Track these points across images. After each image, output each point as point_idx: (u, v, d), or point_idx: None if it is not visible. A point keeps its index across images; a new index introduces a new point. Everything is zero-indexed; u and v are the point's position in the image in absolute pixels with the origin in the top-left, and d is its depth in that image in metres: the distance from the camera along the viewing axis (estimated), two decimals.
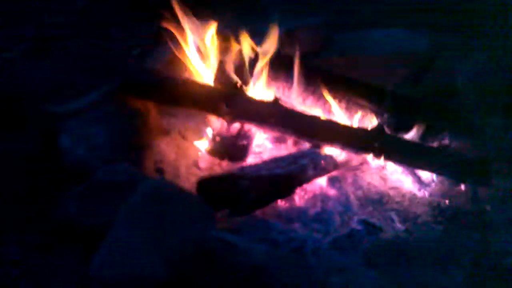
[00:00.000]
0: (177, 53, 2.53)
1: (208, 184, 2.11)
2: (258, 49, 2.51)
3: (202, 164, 2.47)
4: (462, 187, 2.35)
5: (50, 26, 3.20)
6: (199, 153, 2.50)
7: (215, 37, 2.53)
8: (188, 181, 2.33)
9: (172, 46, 2.55)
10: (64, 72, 2.70)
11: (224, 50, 2.55)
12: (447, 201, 2.31)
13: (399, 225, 2.19)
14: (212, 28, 2.52)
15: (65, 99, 2.44)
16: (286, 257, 1.84)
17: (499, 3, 3.06)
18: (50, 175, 2.11)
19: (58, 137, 2.22)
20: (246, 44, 2.51)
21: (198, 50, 2.53)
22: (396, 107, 2.60)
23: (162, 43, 2.64)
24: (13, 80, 2.68)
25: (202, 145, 2.50)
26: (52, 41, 3.05)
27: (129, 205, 1.77)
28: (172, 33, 2.52)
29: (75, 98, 2.44)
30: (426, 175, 2.42)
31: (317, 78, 2.58)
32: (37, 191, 2.06)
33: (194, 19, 2.50)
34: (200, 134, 2.52)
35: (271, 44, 2.48)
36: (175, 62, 2.62)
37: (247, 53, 2.52)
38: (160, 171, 2.38)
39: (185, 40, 2.53)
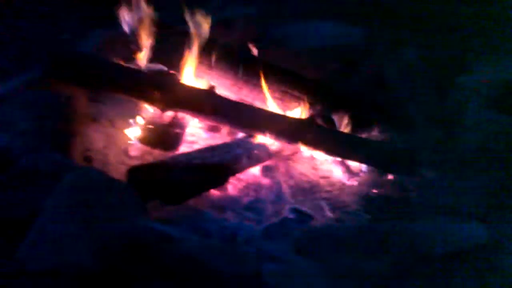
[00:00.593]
0: (109, 38, 2.44)
1: (139, 173, 2.06)
2: (192, 36, 2.46)
3: (133, 153, 2.41)
4: (390, 176, 2.43)
5: None
6: (130, 141, 2.43)
7: (150, 23, 2.46)
8: (118, 170, 2.26)
9: (105, 31, 2.46)
10: None
11: (158, 36, 2.49)
12: (375, 190, 2.39)
13: (329, 214, 2.24)
14: (147, 14, 2.45)
15: None
16: (218, 246, 1.83)
17: None
18: None
19: None
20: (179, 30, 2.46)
21: (132, 35, 2.45)
22: (328, 99, 2.65)
23: (95, 28, 2.55)
24: None
25: (133, 133, 2.43)
26: None
27: (56, 195, 1.69)
28: (106, 17, 2.43)
29: (1, 83, 2.31)
30: (355, 165, 2.49)
31: (252, 68, 2.57)
32: None
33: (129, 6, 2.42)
34: (131, 122, 2.45)
35: (204, 30, 2.45)
36: (108, 47, 2.53)
37: (183, 38, 2.47)
38: (88, 159, 2.30)
39: (120, 25, 2.45)
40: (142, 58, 2.50)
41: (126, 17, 2.47)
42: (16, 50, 2.69)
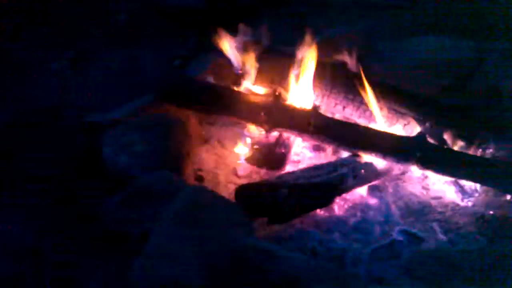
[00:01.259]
0: (217, 63, 2.56)
1: (246, 192, 2.11)
2: (298, 57, 2.50)
3: (241, 172, 2.48)
4: (508, 197, 2.27)
5: (92, 39, 3.29)
6: (238, 161, 2.52)
7: (255, 47, 2.55)
8: (227, 189, 2.35)
9: (212, 56, 2.58)
10: (106, 83, 2.78)
11: (264, 59, 2.56)
12: (491, 212, 2.24)
13: (441, 236, 2.14)
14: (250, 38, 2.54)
15: (107, 109, 2.51)
16: (325, 266, 1.82)
17: None
18: (95, 183, 2.16)
19: (101, 146, 2.27)
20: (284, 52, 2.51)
21: (238, 59, 2.55)
22: (439, 116, 2.54)
23: (203, 54, 2.67)
24: (57, 91, 2.77)
25: (241, 153, 2.51)
26: (94, 53, 3.14)
27: (170, 212, 1.79)
28: (212, 44, 2.56)
29: (118, 108, 2.49)
30: (469, 184, 2.36)
31: (357, 86, 2.55)
32: (83, 198, 2.12)
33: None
34: (239, 143, 2.53)
35: (310, 52, 2.48)
36: (215, 72, 2.65)
37: (286, 60, 2.52)
38: (199, 178, 2.41)
39: (225, 50, 2.56)
40: (248, 80, 2.59)
41: (232, 42, 2.57)
42: (132, 76, 2.88)
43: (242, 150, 2.52)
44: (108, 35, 3.33)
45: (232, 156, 2.55)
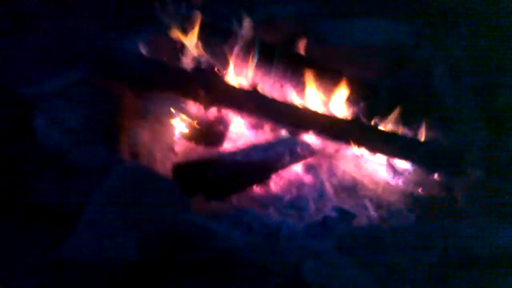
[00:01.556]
0: (156, 37, 2.50)
1: (183, 168, 2.11)
2: (236, 34, 2.48)
3: (178, 149, 2.45)
4: (436, 176, 2.38)
5: (23, 4, 3.12)
6: (175, 137, 2.48)
7: (196, 21, 2.50)
8: (164, 166, 2.31)
9: (150, 29, 2.51)
10: (37, 53, 2.65)
11: (202, 35, 2.52)
12: (420, 190, 2.35)
13: (372, 212, 2.21)
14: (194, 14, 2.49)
15: (38, 80, 2.40)
16: (260, 242, 1.85)
17: None
18: (26, 157, 2.08)
19: (32, 119, 2.18)
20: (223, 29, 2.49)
21: (177, 35, 2.50)
22: (373, 96, 2.61)
23: (140, 26, 2.60)
24: None
25: (178, 129, 2.48)
26: (25, 21, 2.98)
27: (103, 188, 1.75)
28: (152, 16, 2.49)
29: (49, 80, 2.39)
30: (400, 163, 2.45)
31: (296, 66, 2.57)
32: (11, 174, 2.03)
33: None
34: (176, 119, 2.50)
35: (247, 29, 2.47)
36: (154, 45, 2.58)
37: (227, 37, 2.50)
38: (135, 155, 2.36)
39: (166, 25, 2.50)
40: (186, 56, 2.54)
41: (170, 16, 2.51)
42: (64, 47, 2.76)
43: (179, 126, 2.49)
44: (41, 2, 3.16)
45: (169, 132, 2.51)
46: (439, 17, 3.06)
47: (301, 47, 2.71)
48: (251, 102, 2.35)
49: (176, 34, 2.50)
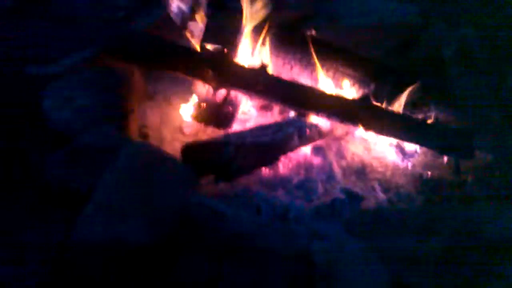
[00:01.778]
0: (165, 17, 2.48)
1: (193, 150, 2.11)
2: (245, 14, 2.46)
3: (187, 130, 2.46)
4: (445, 158, 2.38)
5: None
6: (184, 118, 2.49)
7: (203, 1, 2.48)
8: (173, 147, 2.33)
9: (157, 9, 2.49)
10: (47, 33, 2.65)
11: (211, 14, 2.50)
12: (429, 173, 2.34)
13: (381, 195, 2.22)
14: None
15: (48, 61, 2.40)
16: (269, 224, 1.86)
17: None
18: (35, 138, 2.09)
19: (42, 99, 2.18)
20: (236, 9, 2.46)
21: (186, 15, 2.48)
22: (383, 78, 2.59)
23: (149, 6, 2.58)
24: None
25: (188, 110, 2.48)
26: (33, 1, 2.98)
27: (113, 169, 1.76)
28: None
29: (59, 60, 2.39)
30: (409, 146, 2.44)
31: (305, 46, 2.55)
32: (21, 154, 2.05)
33: None
34: (185, 100, 2.50)
35: (259, 9, 2.44)
36: (162, 26, 2.57)
37: (236, 18, 2.47)
38: (144, 135, 2.37)
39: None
40: (195, 36, 2.53)
41: None
42: (72, 28, 2.75)
43: (188, 107, 2.49)
44: None
45: (178, 113, 2.51)
46: None
47: (310, 26, 2.68)
48: (260, 83, 2.33)
49: (185, 14, 2.48)
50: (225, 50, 2.35)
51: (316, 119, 2.40)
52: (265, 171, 2.26)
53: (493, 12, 2.89)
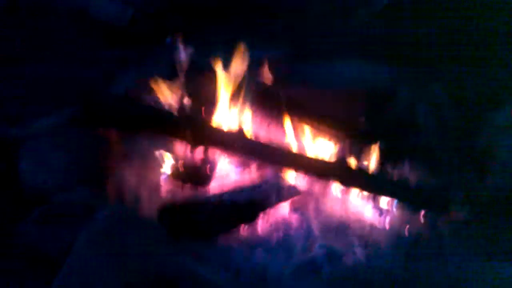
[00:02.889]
0: (142, 79, 2.51)
1: (169, 210, 2.09)
2: (222, 76, 2.52)
3: (164, 190, 2.44)
4: (421, 215, 2.39)
5: (7, 48, 3.14)
6: (161, 178, 2.47)
7: (183, 63, 2.53)
8: (150, 207, 2.29)
9: (137, 71, 2.53)
10: (24, 95, 2.65)
11: (191, 77, 2.55)
12: (406, 229, 2.35)
13: (360, 252, 2.21)
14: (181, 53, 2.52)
15: (25, 122, 2.40)
16: (248, 284, 1.83)
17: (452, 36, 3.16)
18: (10, 201, 2.05)
19: (17, 161, 2.16)
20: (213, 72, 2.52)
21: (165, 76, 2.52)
22: (357, 138, 2.65)
23: (128, 69, 2.62)
24: None
25: (165, 170, 2.47)
26: (9, 63, 2.99)
27: (88, 232, 1.74)
28: (138, 58, 2.51)
29: (35, 121, 2.39)
30: (386, 202, 2.46)
31: (280, 107, 2.60)
32: None
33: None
34: (162, 159, 2.49)
35: (238, 71, 2.50)
36: (140, 87, 2.60)
37: (214, 80, 2.52)
38: (120, 196, 2.34)
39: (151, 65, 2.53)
40: (173, 98, 2.56)
41: (158, 58, 2.54)
42: (49, 89, 2.77)
43: (165, 167, 2.48)
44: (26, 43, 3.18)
45: (155, 173, 2.49)
46: (418, 57, 3.13)
47: (284, 88, 2.75)
48: (237, 145, 2.36)
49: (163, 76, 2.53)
50: (203, 111, 2.39)
51: (293, 177, 2.41)
52: (243, 229, 2.24)
53: (462, 67, 3.00)
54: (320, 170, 2.37)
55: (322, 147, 2.60)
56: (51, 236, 1.84)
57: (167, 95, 2.52)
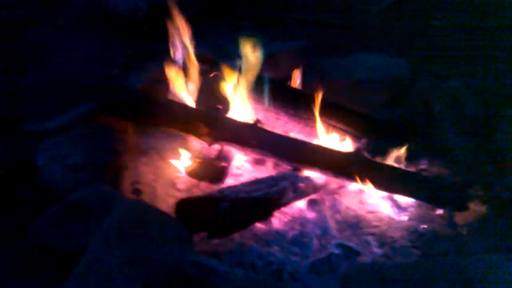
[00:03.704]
0: (159, 74, 2.52)
1: (186, 206, 2.09)
2: (241, 71, 2.51)
3: (181, 186, 2.45)
4: (439, 211, 2.37)
5: (28, 43, 3.17)
6: (178, 174, 2.48)
7: (196, 59, 2.53)
8: (166, 203, 2.31)
9: (152, 67, 2.54)
10: (43, 90, 2.68)
11: (207, 72, 2.54)
12: (424, 226, 2.33)
13: (376, 250, 2.19)
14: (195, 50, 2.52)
15: (43, 118, 2.42)
16: (264, 281, 1.82)
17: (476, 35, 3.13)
18: (26, 195, 2.07)
19: (35, 156, 2.18)
20: (229, 67, 2.51)
21: (181, 71, 2.52)
22: (375, 131, 2.62)
23: (142, 64, 2.63)
24: None
25: (181, 166, 2.48)
26: (29, 58, 3.03)
27: (105, 227, 1.74)
28: (155, 53, 2.52)
29: (54, 117, 2.41)
30: (403, 199, 2.44)
31: (298, 101, 2.58)
32: (14, 211, 2.03)
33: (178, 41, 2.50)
34: (179, 155, 2.50)
35: (253, 66, 2.49)
36: (157, 82, 2.61)
37: (230, 75, 2.52)
38: (137, 192, 2.36)
39: (169, 61, 2.53)
40: (190, 92, 2.56)
41: (175, 53, 2.55)
42: (68, 85, 2.79)
43: (182, 163, 2.49)
44: (46, 40, 3.22)
45: (172, 169, 2.51)
46: (437, 51, 3.10)
47: (303, 82, 2.73)
48: (253, 138, 2.35)
49: (179, 71, 2.53)
50: (219, 106, 2.38)
51: (310, 173, 2.40)
52: (259, 226, 2.24)
53: (481, 62, 2.96)
54: (337, 164, 2.34)
55: (340, 142, 2.58)
56: (67, 232, 1.84)
57: (184, 90, 2.53)
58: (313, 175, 2.41)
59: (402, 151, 2.50)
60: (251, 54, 2.46)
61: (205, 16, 3.25)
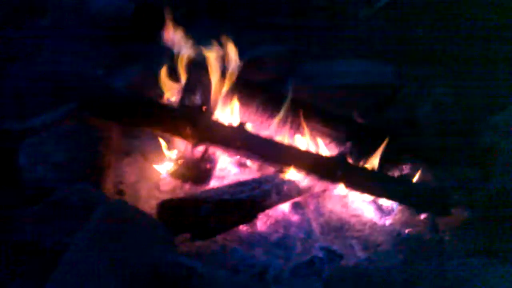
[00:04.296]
0: (145, 74, 2.51)
1: (169, 207, 2.07)
2: (224, 73, 2.50)
3: (164, 187, 2.43)
4: (422, 216, 2.38)
5: (10, 42, 3.13)
6: (161, 175, 2.46)
7: (183, 59, 2.51)
8: (149, 204, 2.29)
9: (137, 68, 2.52)
10: (24, 89, 2.64)
11: (192, 72, 2.53)
12: (407, 230, 2.34)
13: (360, 253, 2.19)
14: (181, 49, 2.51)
15: (25, 116, 2.39)
16: (247, 283, 1.82)
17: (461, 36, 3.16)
18: (8, 194, 2.04)
19: (17, 155, 2.16)
20: (213, 67, 2.50)
21: (165, 72, 2.51)
22: (359, 136, 2.63)
23: (127, 64, 2.61)
24: None
25: (165, 167, 2.46)
26: (12, 57, 2.99)
27: (87, 227, 1.72)
28: (139, 54, 2.51)
29: (36, 116, 2.38)
30: (387, 203, 2.45)
31: (281, 104, 2.58)
32: None
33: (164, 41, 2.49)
34: (162, 156, 2.48)
35: (236, 68, 2.49)
36: (141, 83, 2.59)
37: (214, 76, 2.51)
38: (120, 192, 2.34)
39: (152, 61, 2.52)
40: (174, 94, 2.55)
41: (161, 53, 2.53)
42: (51, 84, 2.76)
43: (165, 164, 2.47)
44: (30, 40, 3.18)
45: (155, 170, 2.49)
46: (421, 57, 3.12)
47: (288, 86, 2.73)
48: (238, 140, 2.34)
49: (164, 71, 2.51)
50: (204, 107, 2.37)
51: (294, 176, 2.40)
52: (243, 228, 2.23)
53: (465, 69, 2.99)
54: (321, 168, 2.34)
55: (324, 146, 2.59)
56: (49, 231, 1.82)
57: (168, 90, 2.52)
58: (297, 178, 2.40)
59: (385, 155, 2.50)
60: (234, 55, 2.46)
61: (195, 15, 3.24)
